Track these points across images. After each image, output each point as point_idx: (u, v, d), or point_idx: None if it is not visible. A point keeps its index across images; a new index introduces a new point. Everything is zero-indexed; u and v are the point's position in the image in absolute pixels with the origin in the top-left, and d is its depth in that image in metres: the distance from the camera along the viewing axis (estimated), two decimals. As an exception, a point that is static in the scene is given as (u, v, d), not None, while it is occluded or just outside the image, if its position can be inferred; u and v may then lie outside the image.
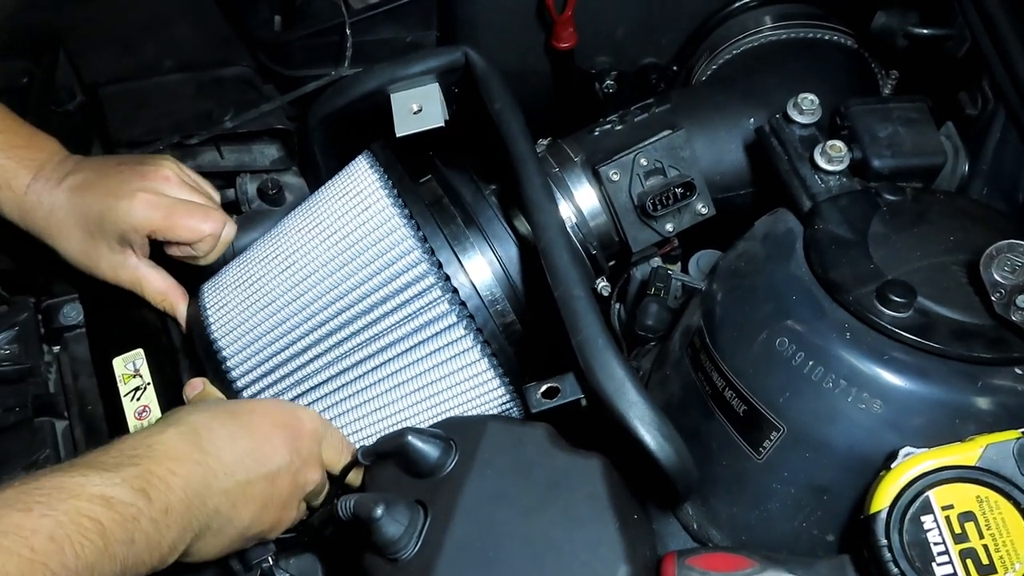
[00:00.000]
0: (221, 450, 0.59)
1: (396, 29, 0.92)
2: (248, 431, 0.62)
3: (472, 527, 0.57)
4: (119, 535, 0.49)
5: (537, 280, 0.68)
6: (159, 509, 0.52)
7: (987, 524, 0.49)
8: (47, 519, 0.46)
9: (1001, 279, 0.55)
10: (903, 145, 0.68)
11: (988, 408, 0.54)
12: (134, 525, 0.50)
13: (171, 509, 0.53)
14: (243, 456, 0.60)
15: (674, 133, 0.74)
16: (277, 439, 0.63)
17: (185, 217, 0.74)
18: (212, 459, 0.58)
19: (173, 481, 0.54)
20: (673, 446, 0.57)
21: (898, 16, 0.80)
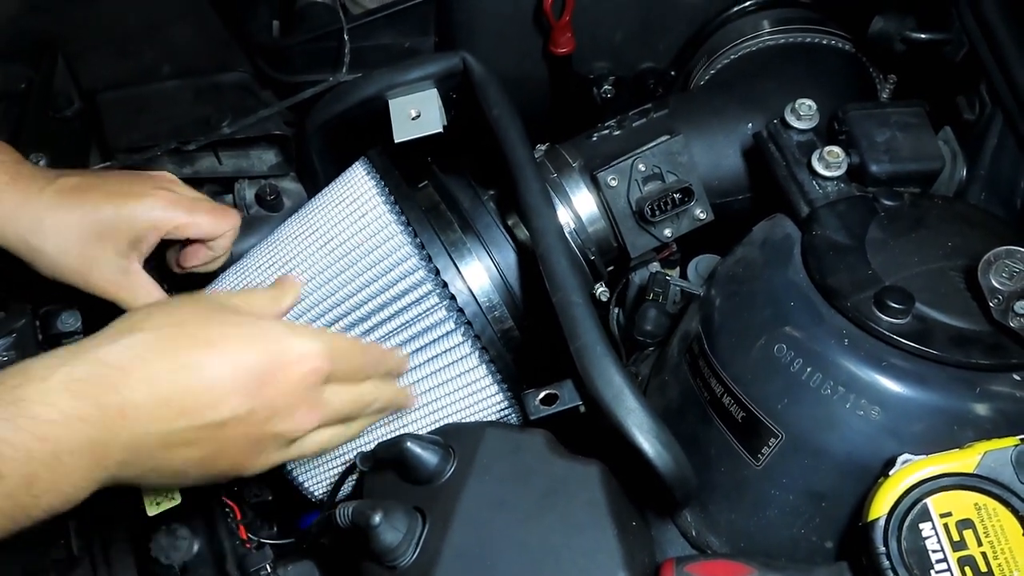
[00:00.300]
0: (134, 397, 0.50)
1: (394, 35, 0.92)
2: (190, 372, 0.52)
3: (470, 534, 0.57)
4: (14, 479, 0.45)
5: (535, 286, 0.68)
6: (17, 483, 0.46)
7: (985, 531, 0.49)
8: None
9: (999, 285, 0.55)
10: (901, 150, 0.68)
11: (986, 414, 0.54)
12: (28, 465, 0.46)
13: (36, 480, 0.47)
14: (166, 404, 0.51)
15: (672, 138, 0.74)
16: (229, 386, 0.53)
17: (207, 211, 0.71)
18: (114, 412, 0.49)
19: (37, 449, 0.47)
20: (671, 453, 0.57)
21: (895, 21, 0.80)
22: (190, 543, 0.68)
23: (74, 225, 0.67)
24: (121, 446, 0.50)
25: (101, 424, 0.49)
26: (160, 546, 0.67)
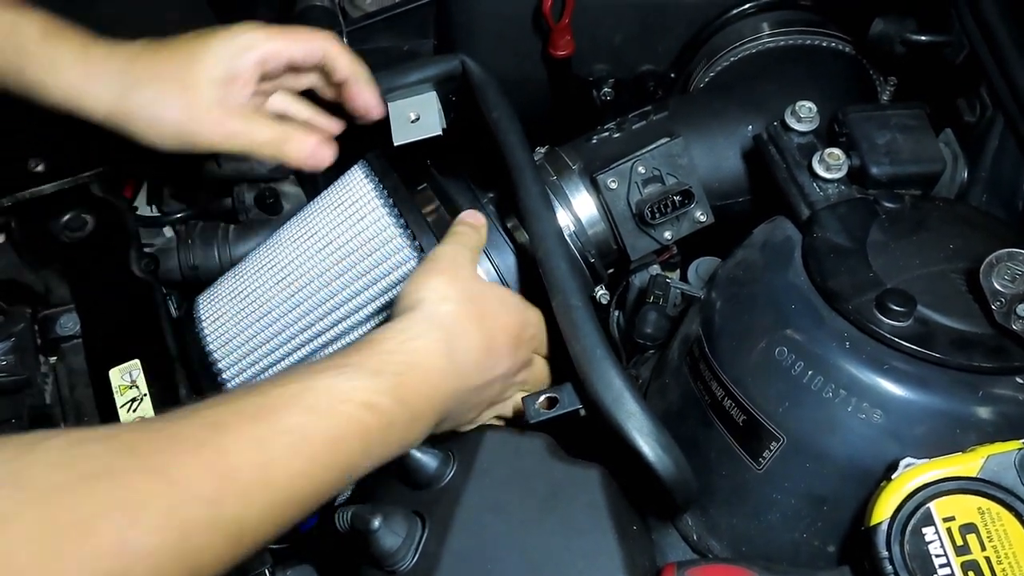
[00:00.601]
0: (466, 357, 0.60)
1: (393, 38, 0.92)
2: (485, 337, 0.61)
3: (470, 538, 0.57)
4: (377, 439, 0.52)
5: (535, 289, 0.67)
6: (411, 416, 0.55)
7: (989, 536, 0.49)
8: (323, 422, 0.49)
9: (1001, 288, 0.55)
10: (901, 152, 0.68)
11: (989, 418, 0.54)
12: (390, 430, 0.53)
13: (422, 414, 0.56)
14: (478, 363, 0.61)
15: (672, 141, 0.74)
16: (504, 347, 0.63)
17: (302, 31, 0.67)
18: (459, 367, 0.59)
19: (427, 392, 0.56)
20: (672, 457, 0.57)
21: (896, 23, 0.80)
22: (189, 548, 0.67)
23: (162, 75, 0.64)
24: (454, 397, 0.59)
25: (451, 375, 0.58)
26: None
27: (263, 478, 0.45)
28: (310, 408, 0.49)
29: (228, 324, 0.75)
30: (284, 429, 0.47)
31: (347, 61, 0.70)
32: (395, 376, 0.54)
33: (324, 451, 0.49)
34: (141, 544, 0.39)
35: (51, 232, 0.85)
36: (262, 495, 0.45)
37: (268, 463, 0.46)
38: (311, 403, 0.49)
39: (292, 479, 0.47)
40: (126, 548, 0.38)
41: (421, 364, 0.56)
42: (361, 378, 0.52)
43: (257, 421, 0.47)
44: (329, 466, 0.49)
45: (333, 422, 0.49)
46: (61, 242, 0.85)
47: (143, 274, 0.83)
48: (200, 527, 0.42)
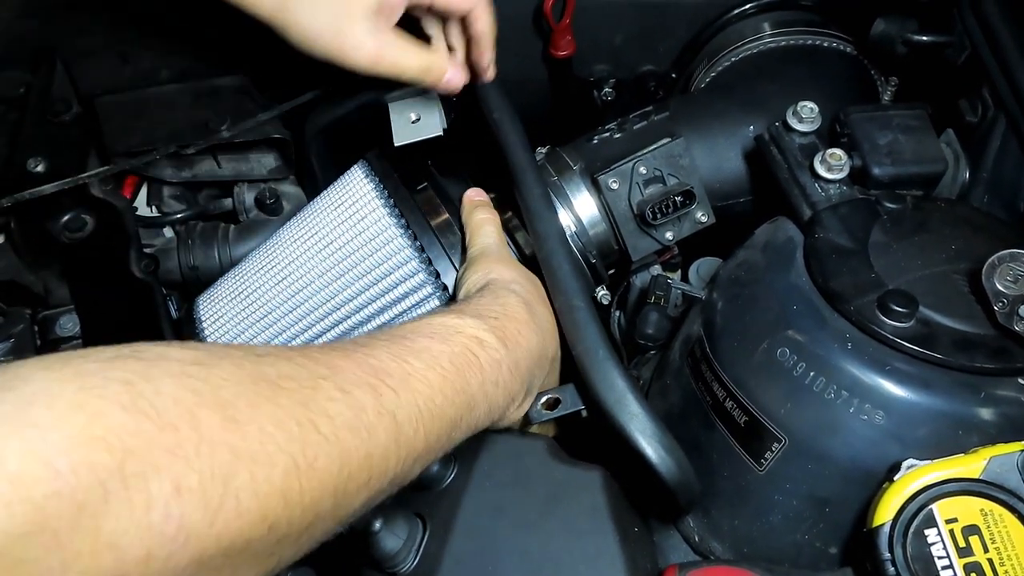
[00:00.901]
0: (544, 324, 0.62)
1: (394, 38, 0.91)
2: (550, 313, 0.63)
3: (471, 540, 0.57)
4: (490, 375, 0.54)
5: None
6: (513, 361, 0.57)
7: (991, 538, 0.49)
8: (446, 346, 0.52)
9: (1003, 288, 0.55)
10: (903, 153, 0.68)
11: (991, 419, 0.54)
12: (498, 369, 0.55)
13: (519, 364, 0.57)
14: (553, 335, 0.63)
15: (673, 141, 0.74)
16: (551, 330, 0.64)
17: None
18: (541, 330, 0.61)
19: (521, 341, 0.58)
20: (674, 458, 0.57)
21: (897, 23, 0.80)
22: (189, 550, 0.67)
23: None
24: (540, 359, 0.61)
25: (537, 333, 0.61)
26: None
27: (408, 384, 0.48)
28: (432, 334, 0.53)
29: (228, 325, 0.74)
30: (417, 349, 0.50)
31: (488, 19, 0.72)
32: (494, 319, 0.57)
33: (451, 371, 0.51)
34: (320, 406, 0.41)
35: (51, 233, 0.85)
36: (410, 397, 0.47)
37: (409, 372, 0.48)
38: (432, 331, 0.53)
39: (431, 388, 0.49)
40: (309, 405, 0.41)
41: (515, 316, 0.59)
42: (468, 318, 0.56)
43: (392, 342, 0.50)
44: (458, 389, 0.51)
45: (453, 348, 0.53)
46: (61, 243, 0.85)
47: (143, 275, 0.83)
48: (368, 407, 0.44)
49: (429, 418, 0.48)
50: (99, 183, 0.88)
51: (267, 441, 0.38)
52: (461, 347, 0.53)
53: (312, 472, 0.40)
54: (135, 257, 0.84)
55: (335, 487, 0.41)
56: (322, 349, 0.46)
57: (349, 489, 0.43)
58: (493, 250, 0.67)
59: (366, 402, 0.44)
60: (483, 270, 0.65)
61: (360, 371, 0.45)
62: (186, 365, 0.37)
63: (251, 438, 0.37)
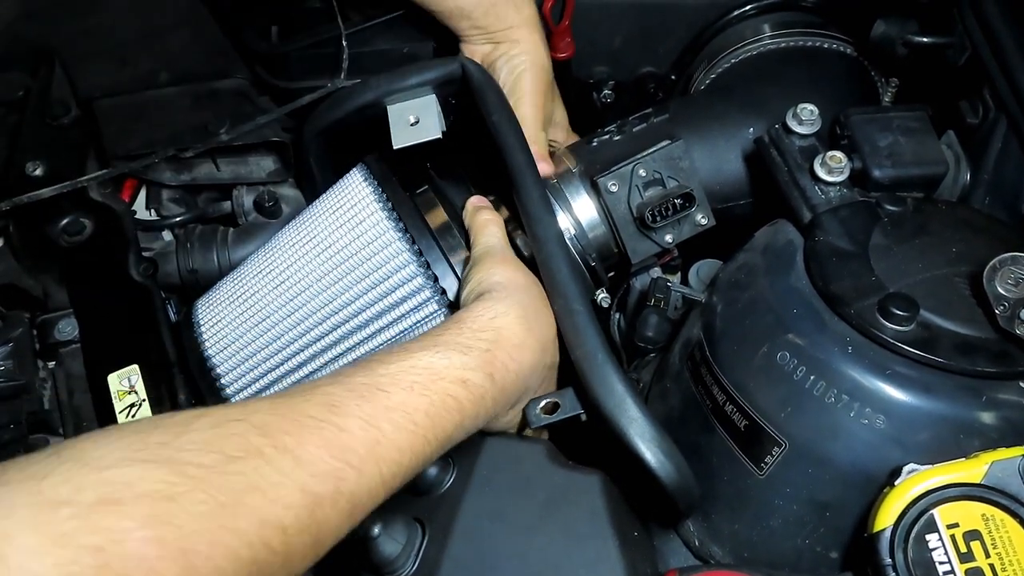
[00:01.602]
0: (543, 332, 0.63)
1: (393, 40, 0.91)
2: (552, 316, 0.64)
3: (470, 545, 0.56)
4: (470, 412, 0.56)
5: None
6: (499, 389, 0.58)
7: (993, 543, 0.48)
8: (424, 399, 0.53)
9: (1005, 292, 0.55)
10: (904, 155, 0.67)
11: (993, 423, 0.54)
12: (481, 403, 0.57)
13: (507, 389, 0.59)
14: (553, 339, 0.64)
15: (673, 143, 0.74)
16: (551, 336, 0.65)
17: None
18: (538, 342, 0.62)
19: (512, 366, 0.59)
20: (674, 463, 0.57)
21: (897, 25, 0.80)
22: (187, 554, 0.67)
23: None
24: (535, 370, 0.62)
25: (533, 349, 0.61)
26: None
27: (375, 453, 0.49)
28: (411, 386, 0.53)
29: (226, 329, 0.74)
30: (391, 407, 0.51)
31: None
32: (484, 352, 0.58)
33: (426, 425, 0.53)
34: (278, 518, 0.44)
35: (49, 236, 0.85)
36: (374, 468, 0.49)
37: (379, 439, 0.50)
38: (412, 380, 0.54)
39: (399, 454, 0.51)
40: (267, 522, 0.43)
41: (506, 340, 0.60)
42: (454, 355, 0.56)
43: (367, 400, 0.51)
44: (429, 439, 0.53)
45: (432, 398, 0.54)
46: (60, 246, 0.85)
47: (142, 278, 0.83)
48: (325, 501, 0.46)
49: (391, 478, 0.51)
50: (98, 186, 0.87)
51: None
52: (441, 395, 0.54)
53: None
54: (134, 260, 0.84)
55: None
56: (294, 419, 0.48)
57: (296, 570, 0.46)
58: (497, 250, 0.68)
59: (325, 495, 0.46)
60: (486, 271, 0.65)
61: (326, 454, 0.47)
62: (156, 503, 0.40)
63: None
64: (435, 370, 0.55)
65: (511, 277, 0.65)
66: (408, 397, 0.53)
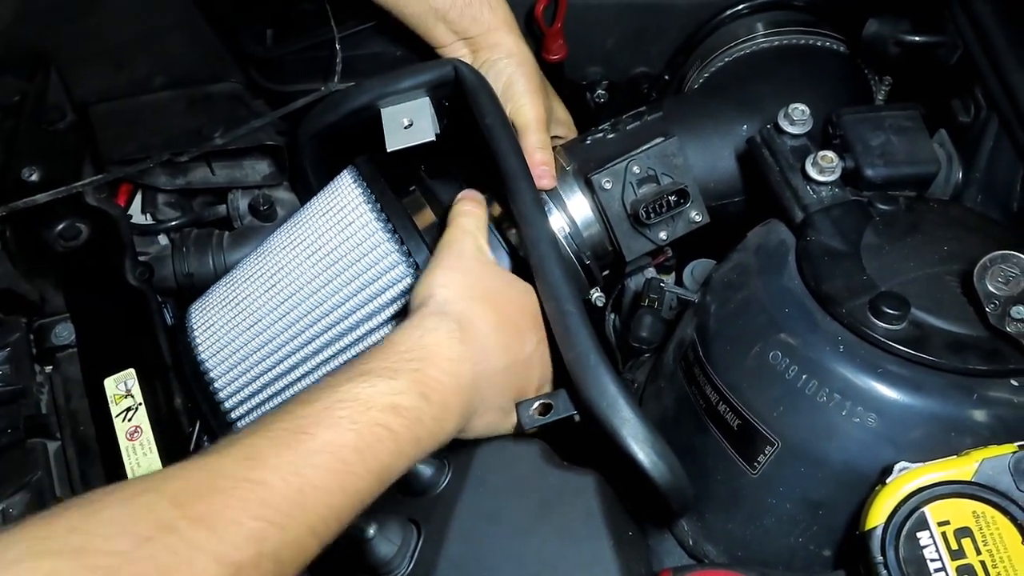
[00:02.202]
0: (484, 341, 0.61)
1: (386, 43, 0.91)
2: (501, 317, 0.63)
3: (466, 546, 0.57)
4: (407, 437, 0.53)
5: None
6: (438, 407, 0.56)
7: (984, 540, 0.49)
8: (351, 433, 0.50)
9: (995, 290, 0.55)
10: (896, 154, 0.68)
11: (984, 421, 0.54)
12: (419, 426, 0.54)
13: (448, 405, 0.57)
14: (499, 344, 0.62)
15: (667, 140, 0.74)
16: (524, 325, 0.64)
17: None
18: (477, 351, 0.60)
19: (448, 381, 0.57)
20: (667, 463, 0.57)
21: (889, 24, 0.80)
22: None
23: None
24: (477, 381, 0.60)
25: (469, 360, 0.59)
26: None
27: (300, 503, 0.47)
28: (337, 422, 0.51)
29: (219, 333, 0.74)
30: (315, 449, 0.49)
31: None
32: (413, 372, 0.56)
33: (356, 461, 0.50)
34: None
35: (46, 241, 0.85)
36: (301, 519, 0.46)
37: (303, 488, 0.47)
38: (338, 416, 0.51)
39: (328, 496, 0.48)
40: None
41: (437, 355, 0.58)
42: (381, 382, 0.54)
43: (289, 447, 0.48)
44: (362, 475, 0.50)
45: (360, 431, 0.51)
46: (56, 251, 0.85)
47: (138, 283, 0.83)
48: (247, 565, 0.43)
49: (322, 525, 0.48)
50: (94, 191, 0.88)
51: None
52: (370, 427, 0.51)
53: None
54: (130, 265, 0.84)
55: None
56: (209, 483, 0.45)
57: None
58: (445, 248, 0.65)
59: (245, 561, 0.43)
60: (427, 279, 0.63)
61: (243, 515, 0.44)
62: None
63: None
64: (361, 400, 0.52)
65: (448, 284, 0.62)
66: (334, 435, 0.50)
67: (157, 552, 0.41)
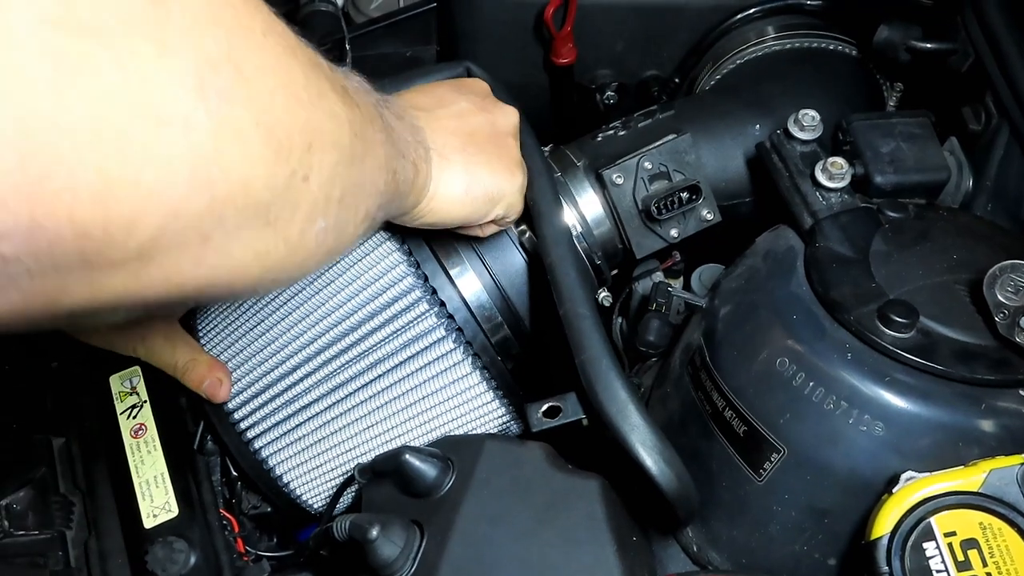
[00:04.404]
0: (447, 104, 0.62)
1: (396, 44, 0.92)
2: (455, 95, 0.64)
3: (468, 548, 0.56)
4: (376, 125, 0.47)
5: (536, 293, 0.67)
6: (395, 115, 0.53)
7: (991, 552, 0.48)
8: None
9: (1005, 299, 0.55)
10: (906, 161, 0.67)
11: (992, 431, 0.54)
12: (376, 119, 0.48)
13: (404, 115, 0.55)
14: (463, 120, 0.61)
15: (679, 137, 0.73)
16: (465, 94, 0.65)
17: None
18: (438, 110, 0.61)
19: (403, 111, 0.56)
20: (674, 471, 0.56)
21: (901, 30, 0.79)
22: (187, 556, 0.67)
23: None
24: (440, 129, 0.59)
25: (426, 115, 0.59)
26: (156, 559, 0.66)
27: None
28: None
29: (224, 333, 0.74)
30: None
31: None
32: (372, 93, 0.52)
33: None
34: None
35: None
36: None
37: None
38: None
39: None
40: None
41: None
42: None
43: None
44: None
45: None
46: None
47: (145, 280, 0.83)
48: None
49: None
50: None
51: None
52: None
53: None
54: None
55: None
56: None
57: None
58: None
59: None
60: None
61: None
62: None
63: None
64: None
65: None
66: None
67: None
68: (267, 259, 0.38)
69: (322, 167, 0.39)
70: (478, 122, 0.63)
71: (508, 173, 0.63)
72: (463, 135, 0.61)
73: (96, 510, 0.72)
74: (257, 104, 0.34)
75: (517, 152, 0.66)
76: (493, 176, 0.61)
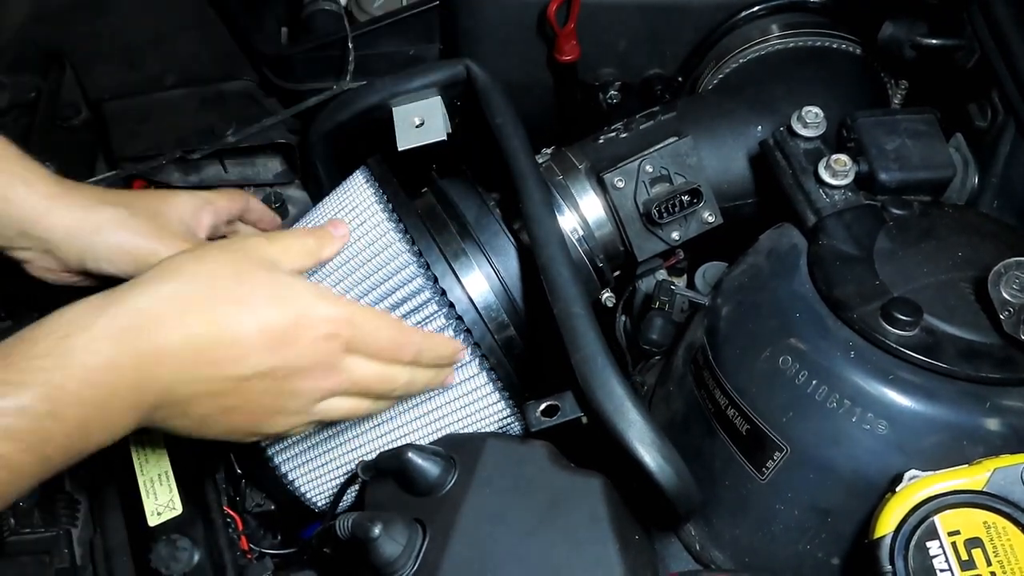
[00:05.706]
0: (169, 345, 0.52)
1: (398, 42, 0.92)
2: (220, 327, 0.54)
3: (470, 547, 0.56)
4: (28, 460, 0.47)
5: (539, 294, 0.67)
6: (73, 425, 0.49)
7: (995, 551, 0.48)
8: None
9: (1010, 297, 0.54)
10: (911, 158, 0.67)
11: (997, 430, 0.53)
12: (44, 445, 0.48)
13: (89, 422, 0.50)
14: (197, 353, 0.53)
15: (680, 140, 0.73)
16: (255, 342, 0.55)
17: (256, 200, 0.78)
18: (151, 359, 0.52)
19: (88, 394, 0.49)
20: (673, 467, 0.56)
21: (906, 26, 0.79)
22: (191, 554, 0.67)
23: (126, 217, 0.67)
24: (155, 391, 0.53)
25: (139, 369, 0.52)
26: (160, 557, 0.67)
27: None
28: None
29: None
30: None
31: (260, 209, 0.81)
32: (38, 386, 0.48)
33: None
34: None
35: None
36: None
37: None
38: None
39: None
40: None
41: (83, 364, 0.49)
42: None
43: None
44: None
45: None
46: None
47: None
48: None
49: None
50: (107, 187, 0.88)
51: None
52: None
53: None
54: (142, 262, 0.84)
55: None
56: None
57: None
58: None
59: None
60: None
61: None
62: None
63: None
64: None
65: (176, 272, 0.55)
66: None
67: None
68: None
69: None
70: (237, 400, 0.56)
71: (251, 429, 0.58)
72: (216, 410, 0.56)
73: (101, 508, 0.72)
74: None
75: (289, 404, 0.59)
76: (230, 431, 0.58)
